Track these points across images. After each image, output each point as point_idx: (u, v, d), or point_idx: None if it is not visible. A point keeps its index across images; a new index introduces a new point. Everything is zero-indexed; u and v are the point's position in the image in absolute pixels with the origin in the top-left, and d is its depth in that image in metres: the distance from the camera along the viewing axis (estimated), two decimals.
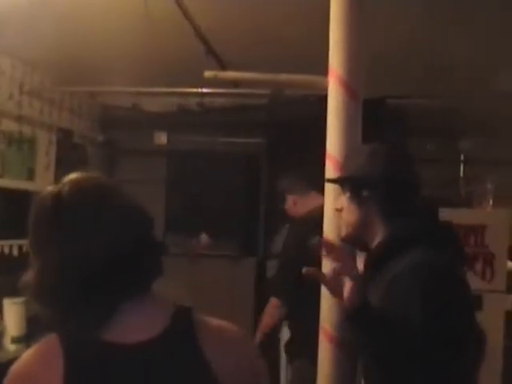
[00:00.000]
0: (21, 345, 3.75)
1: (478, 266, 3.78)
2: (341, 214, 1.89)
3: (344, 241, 1.92)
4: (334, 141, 2.07)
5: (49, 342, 1.12)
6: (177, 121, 5.43)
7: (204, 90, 4.38)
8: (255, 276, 5.25)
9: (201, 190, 5.26)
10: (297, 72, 2.41)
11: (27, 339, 3.77)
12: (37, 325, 1.17)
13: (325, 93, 2.10)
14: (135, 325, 1.14)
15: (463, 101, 4.59)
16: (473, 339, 1.61)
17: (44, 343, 1.14)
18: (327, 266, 1.88)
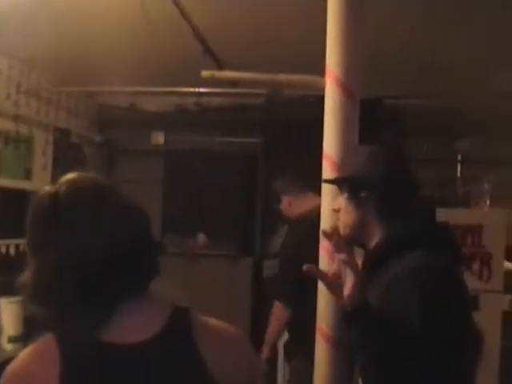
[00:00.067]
0: (18, 344, 3.75)
1: (475, 266, 3.77)
2: (338, 215, 1.88)
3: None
4: (331, 141, 2.07)
5: (46, 342, 1.12)
6: (174, 120, 5.42)
7: (201, 90, 4.38)
8: (252, 276, 5.25)
9: (198, 190, 5.25)
10: (295, 72, 2.41)
11: (24, 339, 3.77)
12: (34, 324, 1.16)
13: (322, 93, 2.11)
14: (132, 325, 1.14)
15: (461, 101, 4.59)
16: (470, 339, 1.62)
17: (41, 343, 1.13)
18: (326, 266, 1.88)
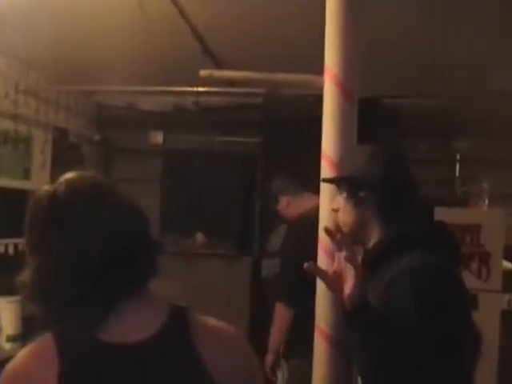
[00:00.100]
0: (16, 344, 3.75)
1: (474, 266, 3.78)
2: (337, 215, 1.88)
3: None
4: (330, 141, 2.06)
5: (44, 341, 1.12)
6: (173, 120, 5.42)
7: (200, 89, 4.37)
8: (250, 275, 5.24)
9: (196, 190, 5.24)
10: (293, 71, 2.41)
11: (23, 338, 3.77)
12: (32, 324, 1.16)
13: (321, 92, 2.10)
14: (131, 324, 1.14)
15: (459, 101, 4.59)
16: (469, 339, 1.62)
17: (39, 342, 1.13)
18: (324, 266, 1.88)
